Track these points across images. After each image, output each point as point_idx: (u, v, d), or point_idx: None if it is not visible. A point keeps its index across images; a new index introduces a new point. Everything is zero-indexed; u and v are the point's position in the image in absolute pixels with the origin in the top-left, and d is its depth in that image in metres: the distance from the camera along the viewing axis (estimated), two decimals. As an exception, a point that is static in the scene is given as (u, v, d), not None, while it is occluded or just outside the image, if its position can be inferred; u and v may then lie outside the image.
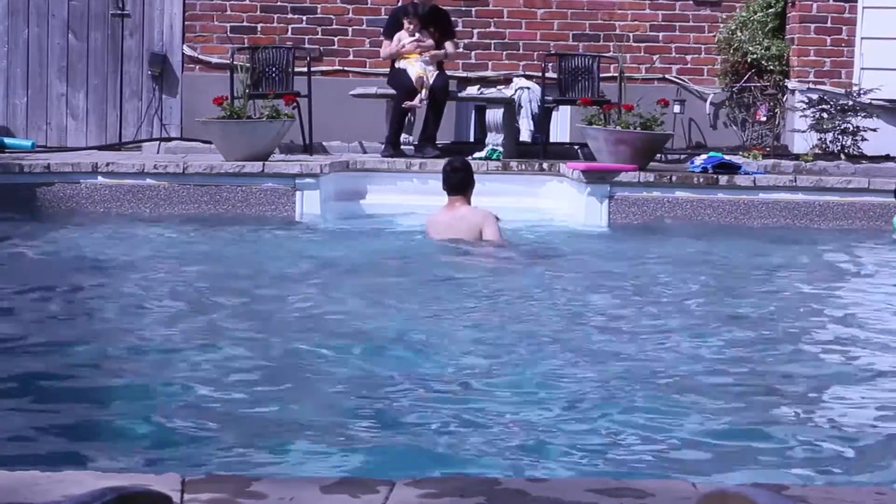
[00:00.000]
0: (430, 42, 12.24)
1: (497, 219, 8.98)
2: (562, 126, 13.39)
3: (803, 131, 12.34)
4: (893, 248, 10.19)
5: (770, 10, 13.28)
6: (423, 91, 12.03)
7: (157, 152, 12.57)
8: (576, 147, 12.59)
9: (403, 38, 12.19)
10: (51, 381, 5.25)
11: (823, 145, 12.30)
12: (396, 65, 12.30)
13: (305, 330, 6.39)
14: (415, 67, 12.12)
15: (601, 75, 12.70)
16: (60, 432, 4.53)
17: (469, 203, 9.09)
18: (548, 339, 6.29)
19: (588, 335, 6.44)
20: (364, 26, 13.46)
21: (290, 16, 13.46)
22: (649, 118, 11.55)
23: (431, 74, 12.15)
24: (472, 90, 12.82)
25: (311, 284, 7.81)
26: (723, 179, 11.23)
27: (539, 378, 5.45)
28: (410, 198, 11.39)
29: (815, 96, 12.60)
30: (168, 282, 7.82)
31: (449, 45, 12.45)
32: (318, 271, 8.35)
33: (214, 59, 13.39)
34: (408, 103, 12.08)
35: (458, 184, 9.08)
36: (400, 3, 12.97)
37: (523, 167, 11.83)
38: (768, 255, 9.37)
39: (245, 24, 13.46)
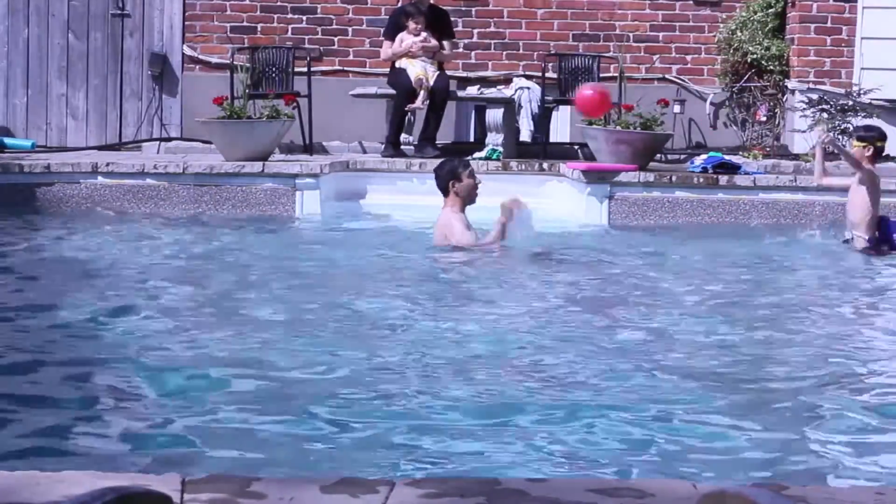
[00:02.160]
0: (434, 43, 12.23)
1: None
2: (562, 126, 13.38)
3: (803, 131, 12.33)
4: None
5: (770, 10, 13.28)
6: (423, 92, 12.02)
7: (157, 152, 12.57)
8: (576, 147, 12.59)
9: (406, 39, 12.17)
10: (50, 381, 5.25)
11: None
12: (397, 64, 12.30)
13: (305, 330, 6.39)
14: (415, 68, 12.11)
15: (601, 75, 12.70)
16: (60, 432, 4.53)
17: (456, 205, 9.08)
18: (546, 339, 6.29)
19: (584, 336, 6.43)
20: (364, 26, 13.46)
21: (290, 16, 13.46)
22: (649, 118, 11.55)
23: (432, 75, 12.15)
24: (472, 90, 12.81)
25: (311, 284, 7.81)
26: (723, 179, 11.23)
27: (538, 378, 5.45)
28: (410, 198, 11.39)
29: (815, 96, 12.60)
30: (168, 282, 7.81)
31: (447, 46, 12.42)
32: (318, 271, 8.35)
33: (214, 59, 13.39)
34: (410, 106, 12.08)
35: (438, 186, 9.20)
36: (400, 4, 12.94)
37: (523, 167, 11.83)
38: (770, 255, 9.37)
39: (245, 24, 13.46)
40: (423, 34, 12.19)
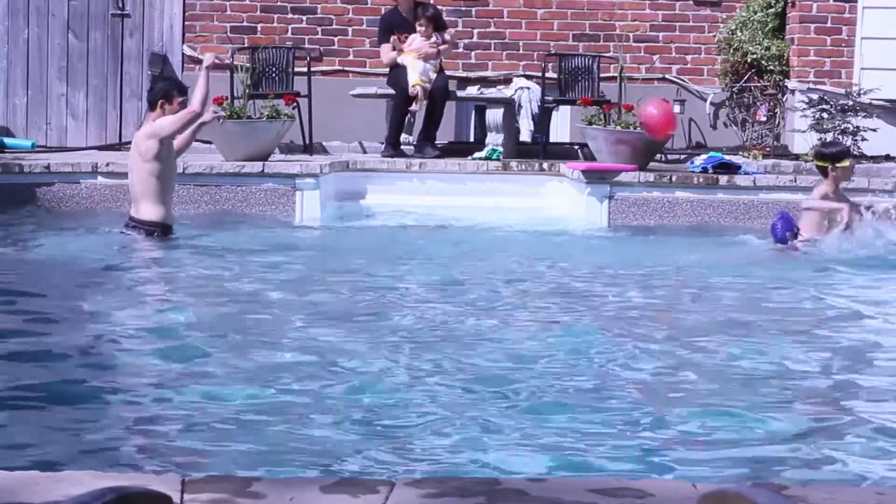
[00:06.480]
0: (440, 41, 12.19)
1: None
2: (562, 126, 13.38)
3: (803, 131, 12.33)
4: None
5: (770, 10, 13.28)
6: (419, 96, 12.00)
7: (158, 152, 12.55)
8: (576, 147, 12.59)
9: (417, 39, 12.14)
10: (51, 381, 5.25)
11: (823, 145, 12.30)
12: (399, 60, 12.25)
13: (305, 330, 6.39)
14: (416, 71, 12.05)
15: (601, 75, 12.70)
16: (60, 432, 4.53)
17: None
18: (544, 340, 6.30)
19: (583, 336, 6.43)
20: (364, 26, 13.45)
21: (290, 16, 13.46)
22: (649, 118, 11.54)
23: (433, 77, 12.11)
24: (472, 90, 12.81)
25: (311, 284, 7.81)
26: (723, 179, 11.24)
27: (539, 378, 5.45)
28: (410, 198, 11.40)
29: (815, 96, 12.60)
30: (168, 282, 7.81)
31: (444, 41, 12.36)
32: (318, 271, 8.35)
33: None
34: (412, 109, 12.06)
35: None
36: (396, 6, 12.78)
37: (523, 167, 11.84)
38: (772, 256, 9.37)
39: (245, 24, 13.46)
40: (434, 37, 12.17)
